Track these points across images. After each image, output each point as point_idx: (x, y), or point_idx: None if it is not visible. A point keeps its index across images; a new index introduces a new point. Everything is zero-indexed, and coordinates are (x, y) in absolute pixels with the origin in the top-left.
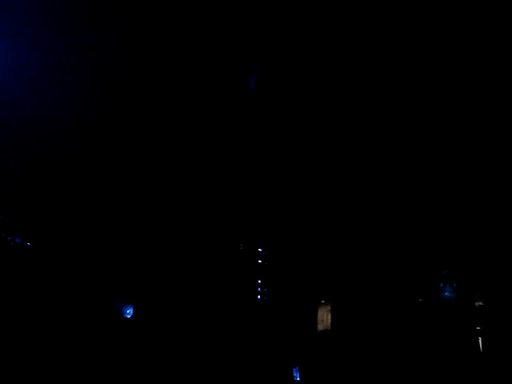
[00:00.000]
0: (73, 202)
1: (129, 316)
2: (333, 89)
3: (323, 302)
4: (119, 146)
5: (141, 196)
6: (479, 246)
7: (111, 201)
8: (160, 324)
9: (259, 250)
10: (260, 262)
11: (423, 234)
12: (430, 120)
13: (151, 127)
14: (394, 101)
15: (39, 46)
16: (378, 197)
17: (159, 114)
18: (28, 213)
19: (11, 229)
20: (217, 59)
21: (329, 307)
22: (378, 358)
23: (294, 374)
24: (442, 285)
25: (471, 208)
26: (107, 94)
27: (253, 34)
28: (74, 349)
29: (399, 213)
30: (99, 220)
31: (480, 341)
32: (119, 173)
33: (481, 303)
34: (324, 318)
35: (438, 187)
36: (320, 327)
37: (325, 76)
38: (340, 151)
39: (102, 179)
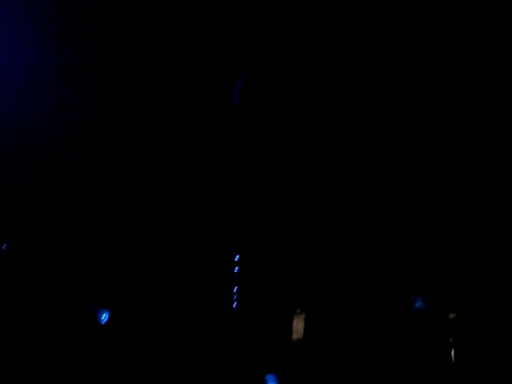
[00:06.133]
0: (57, 204)
1: (104, 322)
2: (317, 93)
3: (298, 311)
4: (113, 146)
5: (119, 204)
6: (453, 257)
7: (90, 205)
8: (135, 329)
9: (235, 258)
10: (236, 270)
11: (398, 245)
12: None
13: (135, 133)
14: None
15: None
16: (353, 208)
17: (152, 116)
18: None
19: None
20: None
21: (303, 316)
22: (352, 368)
23: (268, 383)
24: (414, 296)
25: (445, 219)
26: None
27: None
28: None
29: (375, 223)
30: (76, 224)
31: (452, 352)
32: (103, 174)
33: (455, 315)
34: (299, 327)
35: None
36: (294, 336)
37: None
38: (318, 155)
39: (88, 181)
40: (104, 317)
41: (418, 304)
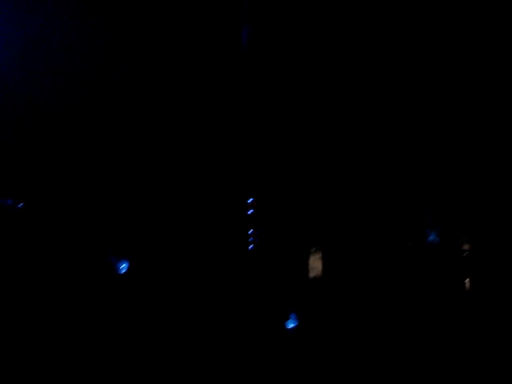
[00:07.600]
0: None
1: (123, 272)
2: (326, 40)
3: (314, 249)
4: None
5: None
6: (466, 189)
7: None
8: (153, 279)
9: (249, 200)
10: (250, 212)
11: (410, 178)
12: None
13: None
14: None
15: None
16: (363, 142)
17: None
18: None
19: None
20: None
21: (320, 254)
22: (369, 304)
23: (287, 322)
24: (428, 230)
25: (457, 149)
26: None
27: None
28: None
29: (386, 159)
30: (91, 172)
31: (468, 283)
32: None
33: (468, 247)
34: (315, 265)
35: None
36: (311, 274)
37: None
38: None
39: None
40: (123, 267)
41: (432, 237)
